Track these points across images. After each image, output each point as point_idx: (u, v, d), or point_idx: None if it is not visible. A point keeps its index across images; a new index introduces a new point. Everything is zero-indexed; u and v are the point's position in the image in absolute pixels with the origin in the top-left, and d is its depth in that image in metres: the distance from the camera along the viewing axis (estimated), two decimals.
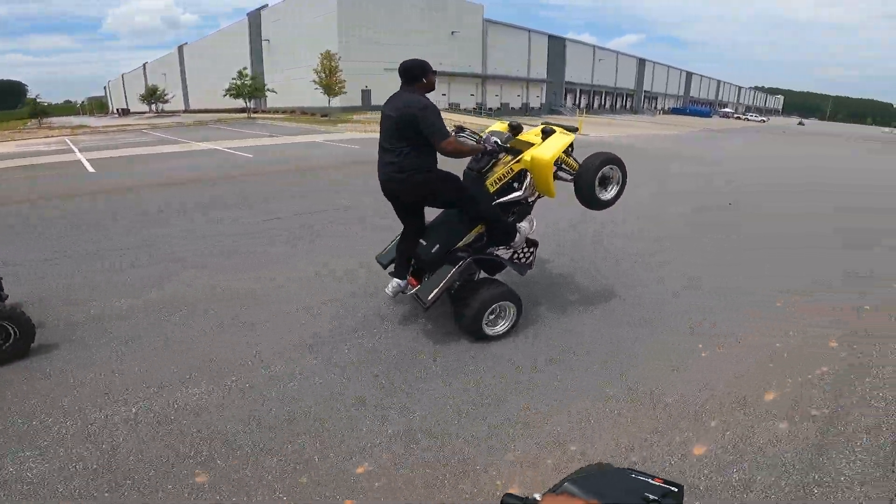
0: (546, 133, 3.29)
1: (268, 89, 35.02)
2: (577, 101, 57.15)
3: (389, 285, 3.38)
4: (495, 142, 3.16)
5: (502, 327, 3.28)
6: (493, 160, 3.32)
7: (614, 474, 0.90)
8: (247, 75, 34.38)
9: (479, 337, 3.21)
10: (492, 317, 3.21)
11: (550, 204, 3.84)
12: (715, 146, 20.82)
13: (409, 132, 2.83)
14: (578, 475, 0.89)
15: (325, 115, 30.11)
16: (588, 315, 3.69)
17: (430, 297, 3.07)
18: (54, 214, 6.65)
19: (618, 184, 3.37)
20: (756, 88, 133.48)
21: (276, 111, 36.78)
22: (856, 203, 8.65)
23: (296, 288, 4.10)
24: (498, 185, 3.25)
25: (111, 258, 4.78)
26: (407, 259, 3.37)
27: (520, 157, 3.21)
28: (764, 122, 62.35)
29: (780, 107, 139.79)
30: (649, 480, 0.85)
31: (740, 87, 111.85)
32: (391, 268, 3.45)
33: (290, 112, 35.03)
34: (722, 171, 12.10)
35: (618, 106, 65.03)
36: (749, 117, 68.01)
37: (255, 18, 44.84)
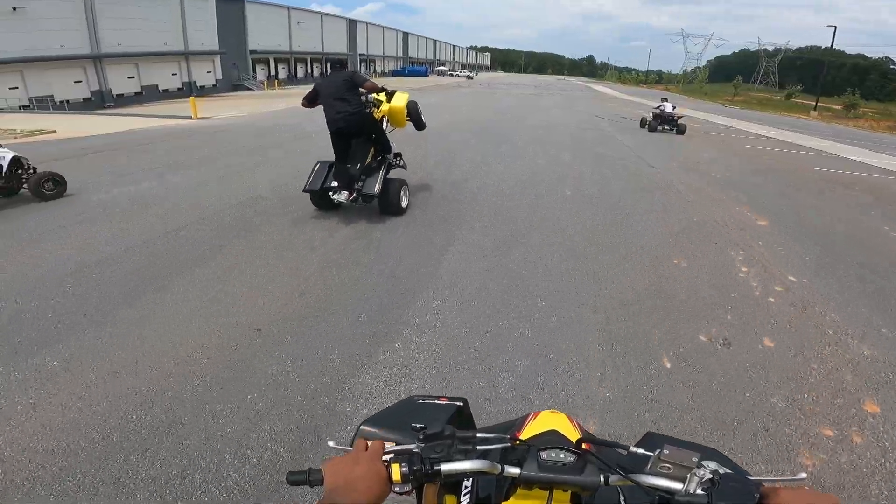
0: (389, 94, 5.97)
1: None
2: (273, 73, 44.36)
3: (342, 195, 5.54)
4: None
5: (406, 201, 6.10)
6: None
7: (403, 405, 1.05)
8: None
9: (398, 211, 5.92)
10: (402, 195, 5.98)
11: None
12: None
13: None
14: (371, 416, 1.01)
15: None
16: None
17: (375, 189, 5.60)
18: None
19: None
20: (470, 48, 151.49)
21: None
22: None
23: None
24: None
25: None
26: (348, 177, 5.56)
27: (381, 108, 5.89)
28: (471, 77, 66.75)
29: (489, 63, 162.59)
30: (436, 402, 1.03)
31: (455, 46, 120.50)
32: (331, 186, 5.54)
33: None
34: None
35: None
36: (457, 73, 75.14)
37: None
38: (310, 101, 5.68)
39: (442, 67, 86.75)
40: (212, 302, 3.66)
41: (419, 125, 6.46)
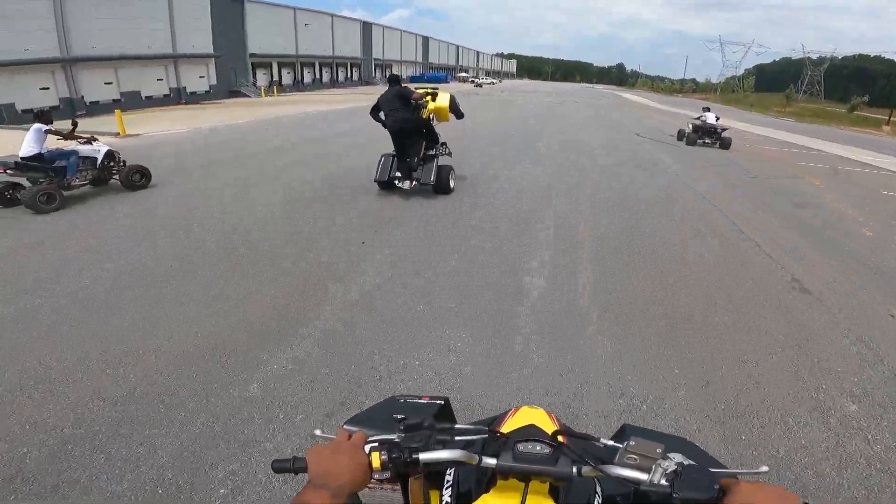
0: (433, 95, 7.14)
1: None
2: (276, 77, 40.27)
3: (405, 184, 7.08)
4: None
5: (453, 183, 7.38)
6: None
7: (385, 405, 1.08)
8: None
9: (447, 191, 7.24)
10: (452, 179, 7.29)
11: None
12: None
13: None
14: (356, 415, 1.07)
15: None
16: None
17: (432, 178, 7.00)
18: None
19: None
20: (496, 55, 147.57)
21: None
22: None
23: None
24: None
25: None
26: (408, 169, 7.09)
27: (427, 106, 7.06)
28: (480, 85, 60.84)
29: (514, 70, 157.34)
30: (418, 401, 1.06)
31: (479, 52, 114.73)
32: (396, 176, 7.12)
33: None
34: None
35: (340, 78, 50.71)
36: (471, 80, 68.95)
37: None
38: (375, 112, 7.08)
39: (464, 74, 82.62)
40: None
41: (459, 115, 7.62)
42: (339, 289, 4.08)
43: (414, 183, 7.05)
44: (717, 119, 15.07)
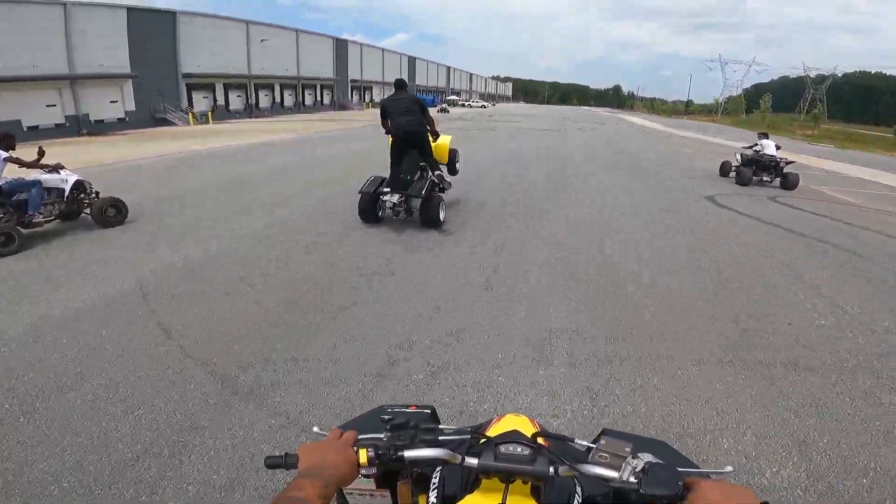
0: (435, 135, 6.93)
1: None
2: (221, 101, 34.58)
3: (394, 197, 6.50)
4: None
5: (443, 215, 6.71)
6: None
7: (374, 413, 1.09)
8: None
9: (436, 223, 6.56)
10: (441, 209, 6.64)
11: None
12: None
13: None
14: (349, 420, 1.12)
15: None
16: None
17: (423, 193, 6.43)
18: None
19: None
20: (493, 77, 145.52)
21: None
22: None
23: None
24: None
25: None
26: (400, 181, 6.59)
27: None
28: (446, 111, 50.70)
29: (510, 93, 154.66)
30: (405, 409, 1.06)
31: (472, 74, 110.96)
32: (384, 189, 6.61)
33: None
34: None
35: (308, 101, 44.67)
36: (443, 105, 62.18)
37: None
38: (384, 119, 6.67)
39: (454, 97, 76.90)
40: None
41: (452, 170, 7.70)
42: None
43: (402, 199, 6.57)
44: (778, 148, 12.22)
